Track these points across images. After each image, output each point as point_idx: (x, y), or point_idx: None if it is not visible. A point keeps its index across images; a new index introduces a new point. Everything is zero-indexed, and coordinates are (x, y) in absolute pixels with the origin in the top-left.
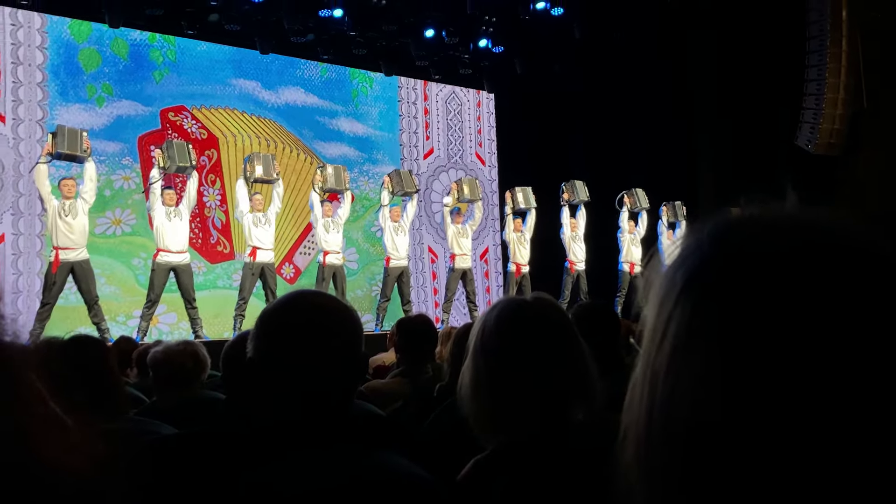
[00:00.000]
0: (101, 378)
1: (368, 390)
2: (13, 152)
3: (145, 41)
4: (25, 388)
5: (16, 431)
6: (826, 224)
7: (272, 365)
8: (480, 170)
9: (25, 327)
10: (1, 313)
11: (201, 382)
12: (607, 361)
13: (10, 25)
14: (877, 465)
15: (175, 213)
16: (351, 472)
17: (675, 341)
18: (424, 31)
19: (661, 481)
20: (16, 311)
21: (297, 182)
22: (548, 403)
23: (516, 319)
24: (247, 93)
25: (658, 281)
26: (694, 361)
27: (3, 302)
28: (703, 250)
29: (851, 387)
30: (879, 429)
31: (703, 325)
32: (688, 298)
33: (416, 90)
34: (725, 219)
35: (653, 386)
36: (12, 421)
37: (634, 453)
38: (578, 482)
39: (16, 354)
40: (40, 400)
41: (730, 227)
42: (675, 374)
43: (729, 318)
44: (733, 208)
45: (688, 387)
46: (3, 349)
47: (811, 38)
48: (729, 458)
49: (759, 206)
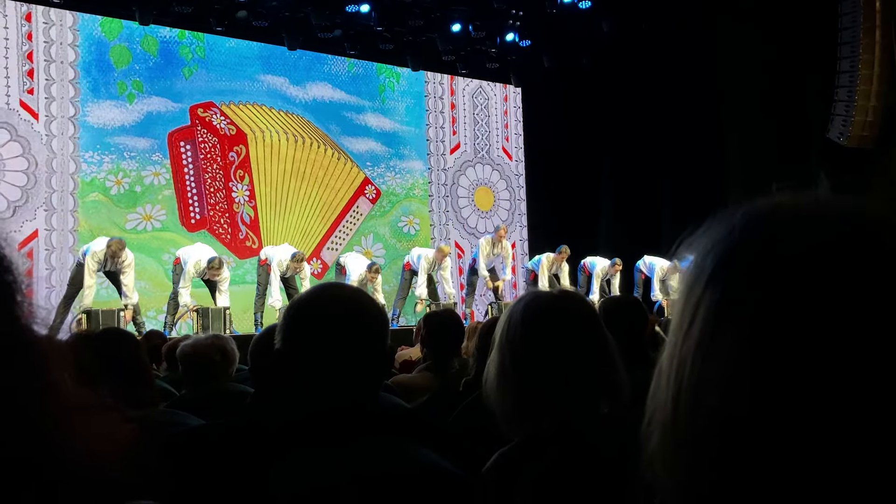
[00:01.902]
0: (132, 371)
1: (395, 384)
2: (46, 149)
3: (174, 38)
4: (57, 378)
5: (47, 420)
6: (859, 213)
7: (299, 357)
8: (507, 164)
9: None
10: (35, 305)
11: (229, 376)
12: (633, 355)
13: (42, 24)
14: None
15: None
16: (379, 464)
17: (703, 327)
18: (451, 25)
19: (687, 468)
20: (49, 305)
21: (324, 177)
22: (573, 397)
23: (542, 313)
24: (275, 89)
25: (687, 267)
26: (722, 348)
27: (37, 294)
28: (733, 236)
29: (881, 379)
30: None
31: (732, 312)
32: (717, 284)
33: (443, 85)
34: (757, 206)
35: (679, 372)
36: (44, 410)
37: (660, 440)
38: (603, 475)
39: (48, 345)
40: (71, 390)
41: (762, 214)
42: (703, 360)
43: (758, 305)
44: (764, 196)
45: (715, 373)
46: (36, 340)
47: (843, 30)
48: (755, 446)
49: (791, 194)
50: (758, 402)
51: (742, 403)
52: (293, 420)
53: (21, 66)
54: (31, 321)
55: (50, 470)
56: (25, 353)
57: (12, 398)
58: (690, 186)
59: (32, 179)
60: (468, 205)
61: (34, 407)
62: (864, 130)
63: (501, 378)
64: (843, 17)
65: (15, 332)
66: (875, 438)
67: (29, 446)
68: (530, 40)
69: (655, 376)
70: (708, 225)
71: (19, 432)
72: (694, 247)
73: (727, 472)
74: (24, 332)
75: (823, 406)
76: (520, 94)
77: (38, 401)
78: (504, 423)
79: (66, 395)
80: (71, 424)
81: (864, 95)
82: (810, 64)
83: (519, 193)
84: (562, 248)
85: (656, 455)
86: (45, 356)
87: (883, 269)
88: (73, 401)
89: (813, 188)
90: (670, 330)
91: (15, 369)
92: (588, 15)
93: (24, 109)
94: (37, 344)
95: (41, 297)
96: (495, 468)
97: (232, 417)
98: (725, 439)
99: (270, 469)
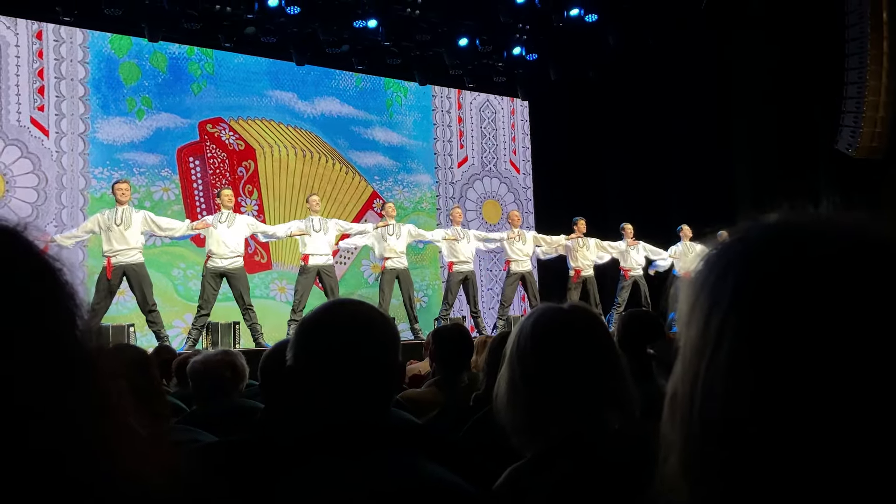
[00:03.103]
0: (143, 387)
1: (405, 399)
2: (56, 165)
3: (183, 54)
4: (107, 397)
5: (101, 440)
6: (860, 229)
7: (311, 373)
8: (515, 177)
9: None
10: (89, 326)
11: (240, 392)
12: (649, 369)
13: (53, 41)
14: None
15: (229, 217)
16: (391, 479)
17: (710, 339)
18: (458, 39)
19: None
20: None
21: (332, 192)
22: (583, 411)
23: (552, 327)
24: (283, 104)
25: (696, 286)
26: (726, 360)
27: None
28: (740, 252)
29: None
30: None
31: (737, 325)
32: (722, 298)
33: (451, 99)
34: (762, 222)
35: (688, 384)
36: (98, 431)
37: (671, 452)
38: (614, 489)
39: (99, 362)
40: (120, 409)
41: (767, 230)
42: (709, 371)
43: (761, 317)
44: (770, 212)
45: (721, 384)
46: (88, 357)
47: (851, 41)
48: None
49: (801, 212)
50: (759, 412)
51: (744, 413)
52: (305, 435)
53: (32, 83)
54: (89, 344)
55: (101, 490)
56: (87, 376)
57: (71, 418)
58: (698, 198)
59: (43, 196)
60: (476, 218)
61: (89, 427)
62: (872, 141)
63: (512, 392)
64: (850, 29)
65: (78, 357)
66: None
67: (82, 466)
68: (537, 54)
69: (670, 387)
70: (715, 241)
71: (75, 452)
72: (702, 260)
73: (735, 482)
74: (86, 356)
75: (824, 415)
76: (527, 108)
77: (93, 422)
78: (515, 437)
79: (115, 415)
80: (121, 445)
81: (872, 106)
82: (818, 75)
83: (527, 206)
84: (576, 221)
85: (669, 467)
86: (103, 379)
87: (884, 284)
88: (122, 420)
89: (820, 202)
90: (682, 353)
91: (75, 392)
92: (594, 28)
93: (35, 126)
94: (95, 367)
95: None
96: (507, 484)
97: (243, 433)
98: (731, 449)
99: (282, 484)
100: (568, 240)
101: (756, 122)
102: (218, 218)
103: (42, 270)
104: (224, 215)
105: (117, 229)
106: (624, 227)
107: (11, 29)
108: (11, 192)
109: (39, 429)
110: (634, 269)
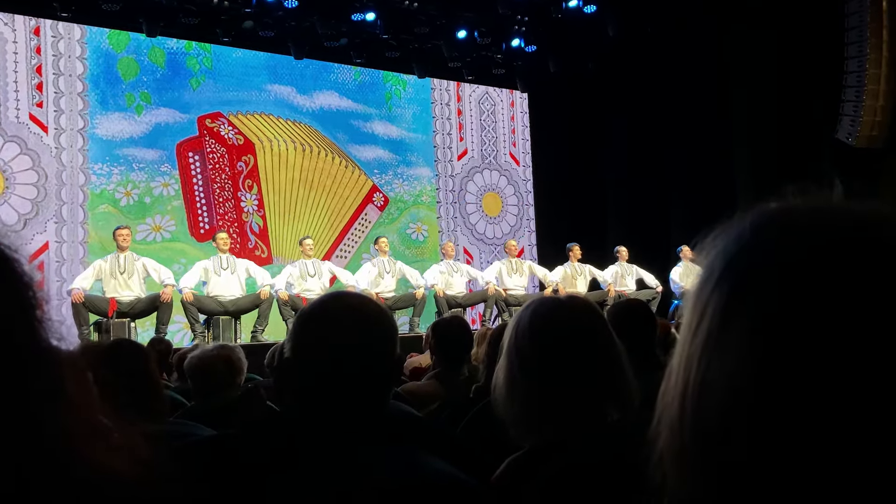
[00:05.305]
0: (142, 382)
1: (405, 392)
2: (55, 161)
3: (182, 49)
4: (73, 391)
5: (63, 434)
6: (868, 217)
7: (308, 364)
8: (515, 169)
9: (71, 332)
10: (50, 317)
11: (237, 385)
12: (643, 361)
13: (51, 37)
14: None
15: (227, 261)
16: (390, 471)
17: (710, 326)
18: (456, 32)
19: (693, 467)
20: (61, 316)
21: (332, 186)
22: (582, 403)
23: (550, 318)
24: (282, 98)
25: (697, 286)
26: (727, 348)
27: (51, 307)
28: (742, 239)
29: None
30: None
31: (738, 312)
32: (724, 284)
33: (450, 91)
34: (765, 209)
35: (687, 371)
36: (60, 423)
37: (668, 440)
38: (612, 481)
39: (64, 358)
40: (87, 403)
41: (770, 217)
42: (709, 359)
43: (762, 305)
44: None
45: (720, 372)
46: (51, 352)
47: (850, 30)
48: (759, 444)
49: (801, 197)
50: (761, 401)
51: (745, 402)
52: (304, 428)
53: (30, 79)
54: (50, 336)
55: (67, 485)
56: (47, 370)
57: (31, 415)
58: (699, 189)
59: (42, 192)
60: (476, 210)
61: (53, 423)
62: (872, 130)
63: (510, 385)
64: (850, 17)
65: (36, 349)
66: (878, 436)
67: (42, 460)
68: (536, 46)
69: (666, 377)
70: (719, 228)
71: (36, 449)
72: (705, 248)
73: (732, 472)
74: (45, 349)
75: (825, 405)
76: (526, 100)
77: (56, 417)
78: (513, 429)
79: (85, 411)
80: (89, 440)
81: (872, 95)
82: (817, 65)
83: (527, 199)
84: (571, 248)
85: (664, 455)
86: (64, 372)
87: (885, 271)
88: (89, 414)
89: (823, 190)
90: (681, 330)
91: (35, 386)
92: (593, 20)
93: (34, 122)
94: (57, 360)
95: (53, 310)
96: (505, 475)
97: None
98: (729, 438)
99: (281, 477)
100: (560, 279)
101: (756, 112)
102: (217, 265)
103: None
104: (223, 261)
105: (121, 277)
106: (619, 251)
107: (9, 25)
108: (11, 189)
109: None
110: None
